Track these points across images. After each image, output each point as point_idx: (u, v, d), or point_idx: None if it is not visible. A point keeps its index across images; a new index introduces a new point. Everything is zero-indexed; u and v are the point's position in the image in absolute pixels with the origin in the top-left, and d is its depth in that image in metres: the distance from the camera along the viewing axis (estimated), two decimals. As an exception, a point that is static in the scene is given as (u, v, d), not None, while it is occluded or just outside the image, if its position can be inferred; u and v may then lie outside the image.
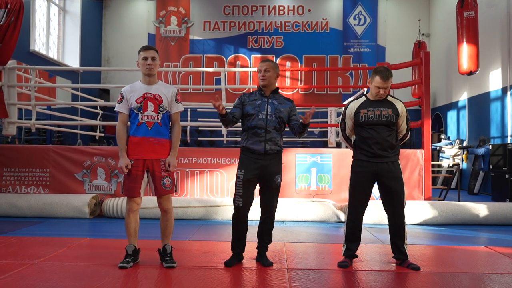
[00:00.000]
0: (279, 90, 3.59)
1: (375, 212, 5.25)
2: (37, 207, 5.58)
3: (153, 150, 3.37)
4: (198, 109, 11.47)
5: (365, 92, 4.08)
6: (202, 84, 13.33)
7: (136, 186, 3.36)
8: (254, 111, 3.42)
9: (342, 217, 5.55)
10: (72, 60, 12.23)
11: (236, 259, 3.46)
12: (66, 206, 5.56)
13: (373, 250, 4.10)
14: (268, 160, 3.40)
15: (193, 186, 6.00)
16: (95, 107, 10.48)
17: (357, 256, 3.58)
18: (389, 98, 3.55)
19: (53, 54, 11.75)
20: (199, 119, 10.53)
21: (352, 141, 3.62)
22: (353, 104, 3.57)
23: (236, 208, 3.43)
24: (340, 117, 3.71)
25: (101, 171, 5.95)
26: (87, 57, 12.66)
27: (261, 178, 3.44)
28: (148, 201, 4.96)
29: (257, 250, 3.55)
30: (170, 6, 13.67)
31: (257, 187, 3.48)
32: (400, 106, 3.50)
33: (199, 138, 12.54)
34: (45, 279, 3.01)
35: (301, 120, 3.42)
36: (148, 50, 3.43)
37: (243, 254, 3.52)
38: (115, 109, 3.47)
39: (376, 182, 3.50)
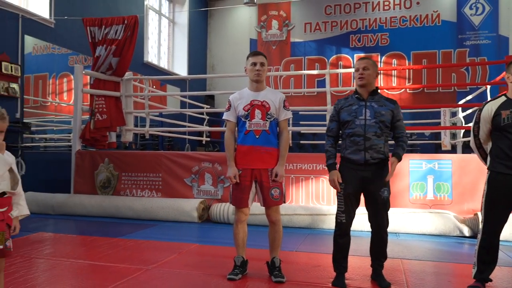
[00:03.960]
0: (379, 91, 3.22)
1: (507, 227, 4.56)
2: (151, 210, 5.87)
3: (261, 159, 3.26)
4: (300, 112, 11.30)
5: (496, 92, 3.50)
6: (304, 87, 13.15)
7: (244, 197, 3.27)
8: (351, 117, 3.09)
9: (466, 231, 4.94)
10: (181, 69, 12.90)
11: (342, 278, 3.17)
12: (177, 210, 5.77)
13: (509, 273, 3.53)
14: (370, 171, 3.04)
15: (298, 193, 5.83)
16: (202, 113, 10.91)
17: (491, 280, 3.08)
18: None
19: (164, 64, 12.50)
20: (301, 123, 10.36)
21: (488, 149, 3.10)
22: (490, 105, 3.04)
23: (338, 224, 3.14)
24: (473, 120, 3.18)
25: (208, 176, 6.07)
26: (194, 65, 13.25)
27: (365, 191, 3.11)
28: (254, 208, 4.89)
29: (371, 268, 3.25)
30: (271, 10, 13.73)
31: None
32: None
33: (301, 142, 12.37)
34: (159, 287, 3.06)
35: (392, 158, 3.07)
36: (257, 56, 3.33)
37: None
38: (223, 117, 3.43)
39: None
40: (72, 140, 6.86)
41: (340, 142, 3.23)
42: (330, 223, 5.28)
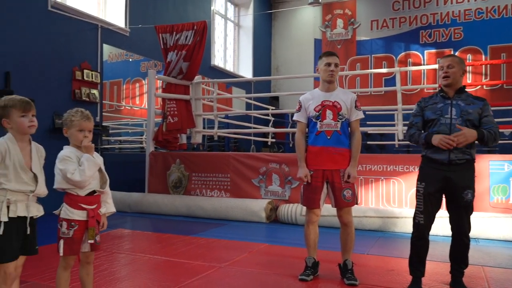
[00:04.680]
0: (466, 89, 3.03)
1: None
2: (220, 210, 6.02)
3: (333, 160, 3.23)
4: (366, 112, 11.01)
5: None
6: (370, 87, 12.82)
7: (316, 197, 3.26)
8: (435, 115, 2.94)
9: (556, 239, 4.55)
10: (246, 71, 13.11)
11: (419, 284, 3.04)
12: (245, 210, 5.87)
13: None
14: (455, 172, 2.87)
15: (368, 195, 5.69)
16: (267, 114, 11.01)
17: None
18: None
19: (229, 67, 12.78)
20: (367, 123, 10.09)
21: None
22: None
23: (416, 225, 3.00)
24: None
25: (275, 177, 6.11)
26: (259, 67, 13.41)
27: (447, 192, 2.94)
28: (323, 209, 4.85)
29: (450, 274, 3.09)
30: (336, 9, 13.54)
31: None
32: None
33: (368, 142, 12.06)
34: (232, 285, 3.13)
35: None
36: (332, 56, 3.30)
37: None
38: (293, 118, 3.44)
39: None
40: (146, 142, 7.22)
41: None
42: (402, 226, 5.10)
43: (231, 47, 13.08)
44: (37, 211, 2.20)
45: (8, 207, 2.05)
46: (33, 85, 6.17)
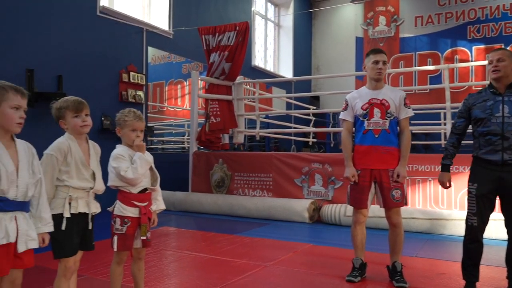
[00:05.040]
0: None
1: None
2: (262, 209, 6.04)
3: (381, 160, 3.16)
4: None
5: None
6: (415, 85, 12.45)
7: (363, 197, 3.20)
8: (485, 114, 2.79)
9: None
10: (286, 71, 13.08)
11: None
12: (288, 210, 5.85)
13: None
14: (509, 172, 2.72)
15: (415, 196, 5.52)
16: (307, 114, 10.94)
17: None
18: None
19: (270, 67, 12.79)
20: (412, 122, 9.80)
21: None
22: None
23: (469, 227, 2.86)
24: None
25: (318, 177, 6.05)
26: (299, 67, 13.34)
27: (501, 193, 2.80)
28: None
29: (507, 279, 2.94)
30: (378, 6, 13.25)
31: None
32: None
33: (413, 142, 11.72)
34: (279, 284, 3.12)
35: None
36: (379, 54, 3.23)
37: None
38: (339, 117, 3.40)
39: None
40: (190, 142, 7.34)
41: (472, 141, 2.96)
42: (451, 229, 4.92)
43: (271, 47, 13.09)
44: (96, 208, 2.28)
45: (69, 203, 2.14)
46: (83, 87, 6.42)
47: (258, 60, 12.10)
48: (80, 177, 2.19)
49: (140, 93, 7.48)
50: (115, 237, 2.42)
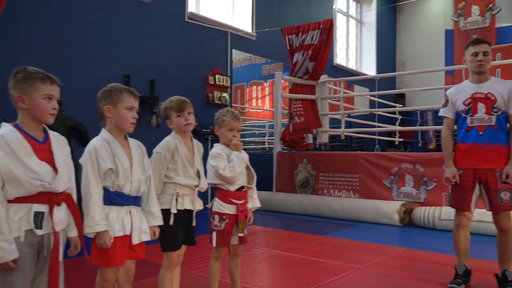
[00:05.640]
0: None
1: None
2: (349, 211, 5.89)
3: (486, 159, 2.92)
4: None
5: None
6: (514, 78, 11.40)
7: (466, 199, 2.98)
8: None
9: None
10: (369, 69, 12.68)
11: None
12: (376, 212, 5.65)
13: None
14: None
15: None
16: (393, 113, 10.48)
17: None
18: None
19: (352, 65, 12.49)
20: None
21: None
22: None
23: None
24: None
25: (409, 178, 5.77)
26: (382, 64, 12.87)
27: None
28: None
29: None
30: (471, -5, 12.34)
31: None
32: None
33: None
34: (374, 287, 3.02)
35: None
36: (479, 44, 2.99)
37: None
38: (439, 114, 3.20)
39: None
40: (274, 142, 7.40)
41: None
42: None
43: (353, 44, 12.77)
44: (199, 205, 2.37)
45: (176, 200, 2.25)
46: (173, 90, 6.65)
47: (340, 59, 11.87)
48: (186, 175, 2.29)
49: (225, 94, 7.69)
50: (214, 233, 2.49)
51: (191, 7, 7.25)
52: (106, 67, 5.81)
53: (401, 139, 11.01)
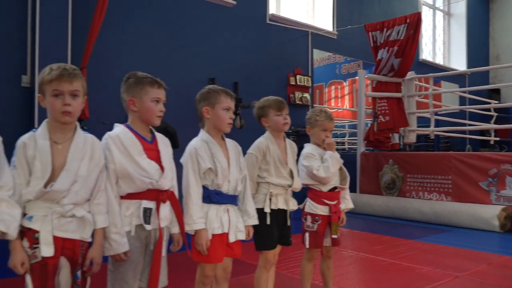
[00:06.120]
0: None
1: None
2: (441, 214, 5.55)
3: None
4: None
5: None
6: None
7: None
8: None
9: None
10: (459, 63, 11.88)
11: None
12: (472, 216, 5.25)
13: None
14: None
15: None
16: (486, 110, 9.69)
17: None
18: None
19: (439, 60, 11.79)
20: None
21: None
22: None
23: None
24: None
25: (510, 180, 5.28)
26: (474, 57, 11.98)
27: None
28: None
29: None
30: None
31: None
32: None
33: None
34: (478, 298, 2.80)
35: None
36: None
37: None
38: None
39: None
40: (357, 142, 7.19)
41: None
42: None
43: (440, 38, 12.04)
44: (293, 205, 2.36)
45: (270, 199, 2.26)
46: (255, 92, 6.78)
47: (426, 54, 11.26)
48: (278, 175, 2.29)
49: (306, 95, 7.64)
50: (307, 234, 2.46)
51: (272, 9, 7.31)
52: (193, 71, 6.06)
53: (497, 138, 10.14)
